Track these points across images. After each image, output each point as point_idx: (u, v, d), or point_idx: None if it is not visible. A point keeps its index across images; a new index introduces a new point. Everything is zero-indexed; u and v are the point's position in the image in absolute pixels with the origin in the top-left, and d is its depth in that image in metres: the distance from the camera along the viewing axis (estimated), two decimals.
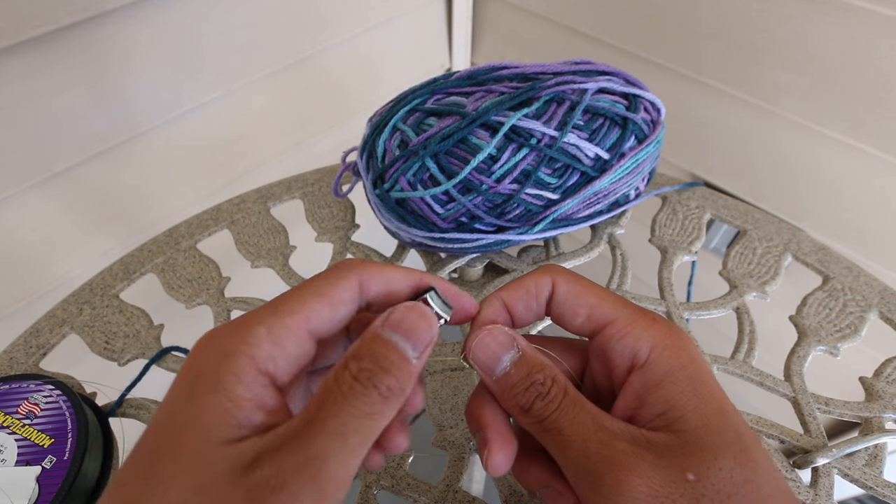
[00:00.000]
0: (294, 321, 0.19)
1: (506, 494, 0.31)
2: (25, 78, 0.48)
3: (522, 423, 0.21)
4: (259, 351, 0.18)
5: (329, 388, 0.18)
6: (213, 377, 0.18)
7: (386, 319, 0.20)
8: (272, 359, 0.19)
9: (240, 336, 0.18)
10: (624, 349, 0.21)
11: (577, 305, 0.22)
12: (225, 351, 0.18)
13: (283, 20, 0.65)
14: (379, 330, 0.19)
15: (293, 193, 0.48)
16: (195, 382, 0.18)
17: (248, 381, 0.18)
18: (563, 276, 0.23)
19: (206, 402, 0.17)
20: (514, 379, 0.21)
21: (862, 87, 0.53)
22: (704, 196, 0.47)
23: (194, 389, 0.18)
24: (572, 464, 0.19)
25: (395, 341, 0.19)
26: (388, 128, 0.37)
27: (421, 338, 0.20)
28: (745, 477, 0.18)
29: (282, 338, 0.19)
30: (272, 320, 0.19)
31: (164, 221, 0.48)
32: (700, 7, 0.60)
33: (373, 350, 0.19)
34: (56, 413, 0.32)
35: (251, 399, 0.18)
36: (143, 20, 0.53)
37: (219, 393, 0.17)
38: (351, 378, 0.18)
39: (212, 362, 0.18)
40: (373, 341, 0.19)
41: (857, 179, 0.58)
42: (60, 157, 0.54)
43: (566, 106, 0.36)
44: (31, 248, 0.58)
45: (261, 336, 0.18)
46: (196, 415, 0.17)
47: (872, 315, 0.39)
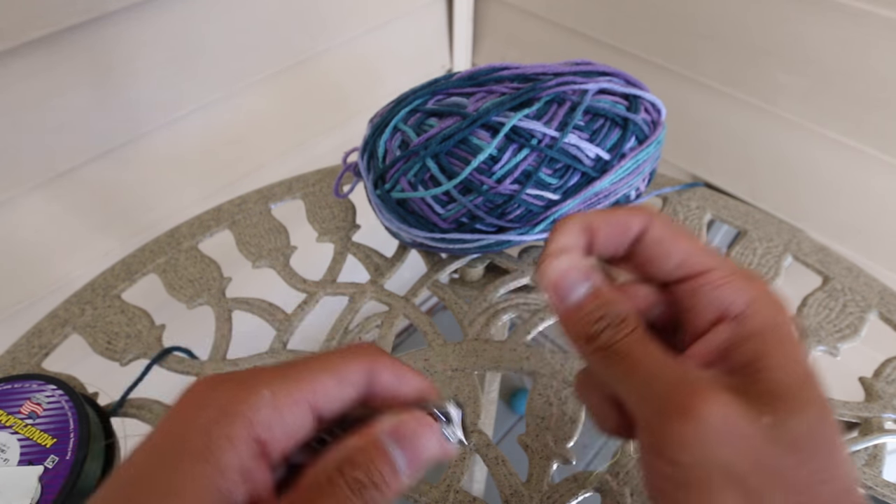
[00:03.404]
0: (299, 390, 0.18)
1: (507, 494, 0.31)
2: (28, 79, 0.49)
3: (585, 352, 0.20)
4: (259, 415, 0.17)
5: (320, 486, 0.17)
6: (204, 440, 0.16)
7: (394, 428, 0.18)
8: (269, 427, 0.17)
9: (241, 395, 0.17)
10: (717, 299, 0.20)
11: (672, 248, 0.21)
12: (223, 410, 0.17)
13: (284, 21, 0.65)
14: (382, 437, 0.18)
15: (294, 194, 0.48)
16: (182, 443, 0.16)
17: (239, 447, 0.16)
18: (655, 217, 0.21)
19: (193, 472, 0.16)
20: (587, 309, 0.20)
21: (861, 88, 0.53)
22: (705, 197, 0.47)
23: (180, 451, 0.16)
24: (638, 390, 0.18)
25: (393, 456, 0.17)
26: (388, 128, 0.38)
27: (421, 462, 0.18)
28: (822, 433, 0.17)
29: (284, 405, 0.17)
30: (278, 384, 0.18)
31: (166, 222, 0.48)
32: (700, 8, 0.60)
33: (370, 460, 0.17)
34: (58, 413, 0.32)
35: (238, 468, 0.16)
36: (146, 22, 0.53)
37: (208, 462, 0.16)
38: (345, 485, 0.17)
39: (206, 420, 0.16)
40: (373, 449, 0.17)
41: (856, 180, 0.58)
42: (63, 158, 0.55)
43: (567, 106, 0.36)
44: (34, 248, 0.58)
45: (264, 399, 0.17)
46: (179, 485, 0.15)
47: (872, 315, 0.39)
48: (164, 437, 0.17)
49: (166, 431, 0.17)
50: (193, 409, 0.17)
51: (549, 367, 0.37)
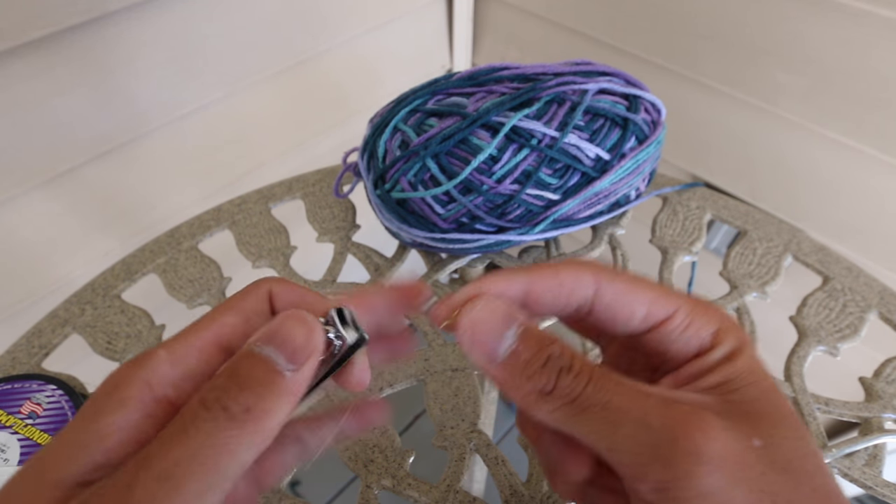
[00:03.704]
0: (199, 338, 0.18)
1: (507, 494, 0.31)
2: (29, 79, 0.49)
3: (544, 412, 0.17)
4: (155, 375, 0.16)
5: (193, 412, 0.15)
6: (93, 406, 0.16)
7: (261, 333, 0.17)
8: (172, 383, 0.17)
9: (137, 362, 0.17)
10: (689, 339, 0.19)
11: (633, 304, 0.19)
12: (117, 379, 0.16)
13: (284, 21, 0.65)
14: (249, 346, 0.17)
15: (294, 194, 0.48)
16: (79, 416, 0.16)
17: (128, 408, 0.16)
18: (605, 274, 0.19)
19: (64, 435, 0.15)
20: (525, 356, 0.17)
21: (861, 87, 0.53)
22: (705, 197, 0.47)
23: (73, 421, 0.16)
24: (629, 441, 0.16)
25: (265, 354, 0.16)
26: (388, 128, 0.38)
27: (297, 346, 0.16)
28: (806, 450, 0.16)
29: (184, 357, 0.17)
30: (174, 342, 0.17)
31: (166, 222, 0.48)
32: (700, 8, 0.60)
33: (235, 368, 0.16)
34: (58, 413, 0.32)
35: (126, 429, 0.15)
36: (146, 21, 0.53)
37: (91, 423, 0.15)
38: (197, 404, 0.15)
39: (101, 391, 0.16)
40: (238, 358, 0.16)
41: (856, 180, 0.58)
42: (63, 158, 0.55)
43: (567, 106, 0.36)
44: (34, 248, 0.58)
45: (159, 359, 0.17)
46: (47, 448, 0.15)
47: (872, 315, 0.39)
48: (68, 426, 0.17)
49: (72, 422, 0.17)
50: (100, 389, 0.17)
51: None
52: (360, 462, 0.33)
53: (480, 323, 0.18)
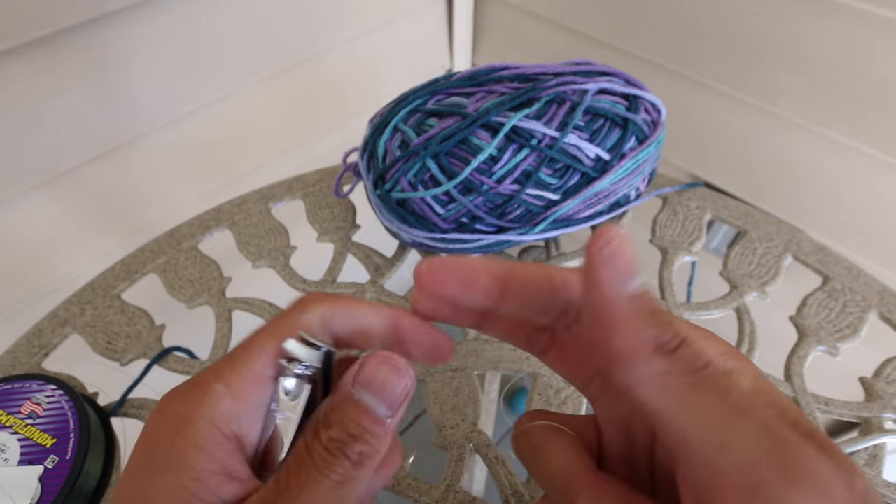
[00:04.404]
0: (252, 369, 0.17)
1: (507, 494, 0.31)
2: (28, 79, 0.49)
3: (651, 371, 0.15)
4: (218, 412, 0.16)
5: (301, 458, 0.16)
6: (170, 452, 0.16)
7: (356, 376, 0.18)
8: (236, 418, 0.17)
9: (195, 398, 0.17)
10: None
11: None
12: (180, 417, 0.16)
13: (284, 21, 0.65)
14: (349, 389, 0.17)
15: (294, 194, 0.48)
16: (151, 459, 0.16)
17: (211, 451, 0.16)
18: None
19: (164, 485, 0.15)
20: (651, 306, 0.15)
21: (861, 87, 0.53)
22: (705, 197, 0.47)
23: (151, 468, 0.16)
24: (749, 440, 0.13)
25: (366, 402, 0.17)
26: (388, 128, 0.38)
27: (395, 396, 0.17)
28: None
29: (242, 390, 0.17)
30: (229, 373, 0.17)
31: (166, 222, 0.48)
32: (700, 8, 0.60)
33: (343, 415, 0.17)
34: (58, 413, 0.32)
35: (218, 471, 0.16)
36: (146, 21, 0.53)
37: (179, 472, 0.15)
38: (322, 448, 0.16)
39: (167, 434, 0.16)
40: (343, 404, 0.17)
41: (856, 180, 0.58)
42: (63, 158, 0.55)
43: (567, 106, 0.36)
44: (34, 248, 0.58)
45: (218, 394, 0.17)
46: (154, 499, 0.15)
47: (872, 315, 0.39)
48: (136, 460, 0.16)
49: (137, 454, 0.17)
50: (156, 425, 0.17)
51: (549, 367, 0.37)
52: None
53: (626, 246, 0.16)
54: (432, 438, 0.34)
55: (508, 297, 0.19)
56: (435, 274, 0.19)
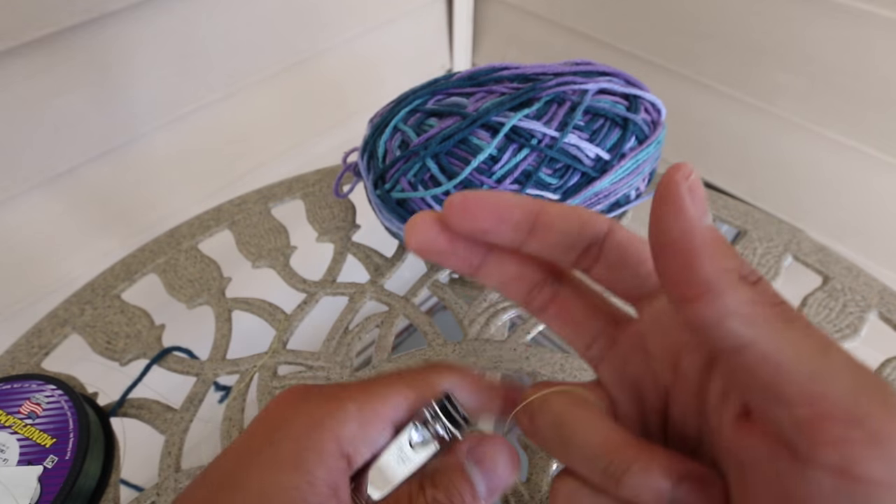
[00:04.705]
0: (385, 406, 0.18)
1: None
2: (28, 79, 0.49)
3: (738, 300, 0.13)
4: (346, 430, 0.17)
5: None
6: (294, 449, 0.16)
7: (474, 449, 0.18)
8: (354, 442, 0.17)
9: (329, 407, 0.17)
10: None
11: (642, 251, 0.18)
12: (312, 420, 0.17)
13: (284, 21, 0.65)
14: (463, 458, 0.18)
15: (294, 194, 0.48)
16: (273, 450, 0.17)
17: (328, 462, 0.17)
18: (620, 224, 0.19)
19: (284, 481, 0.16)
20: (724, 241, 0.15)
21: (860, 87, 0.53)
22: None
23: (272, 459, 0.16)
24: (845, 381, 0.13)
25: (472, 476, 0.18)
26: (388, 128, 0.38)
27: (499, 482, 0.18)
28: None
29: (370, 422, 0.18)
30: (364, 400, 0.18)
31: (166, 222, 0.48)
32: (700, 8, 0.60)
33: (451, 482, 0.18)
34: (58, 413, 0.32)
35: (329, 483, 0.16)
36: (145, 21, 0.53)
37: (298, 472, 0.16)
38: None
39: (296, 430, 0.17)
40: (454, 471, 0.18)
41: (856, 180, 0.58)
42: (63, 158, 0.55)
43: (567, 106, 0.36)
44: (33, 248, 0.58)
45: (350, 414, 0.17)
46: (271, 493, 0.16)
47: (872, 315, 0.39)
48: (256, 441, 0.17)
49: (258, 436, 0.17)
50: (283, 417, 0.17)
51: (549, 367, 0.37)
52: None
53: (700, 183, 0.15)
54: None
55: (537, 233, 0.18)
56: (469, 205, 0.17)
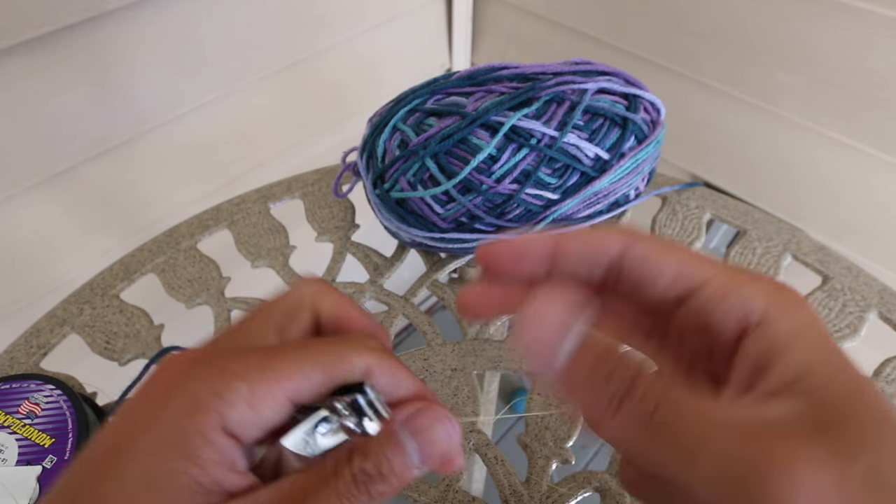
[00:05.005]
0: (280, 385, 0.17)
1: (506, 494, 0.31)
2: (26, 78, 0.48)
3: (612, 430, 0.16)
4: (233, 413, 0.16)
5: (325, 476, 0.16)
6: (178, 433, 0.15)
7: (410, 420, 0.18)
8: (243, 424, 0.16)
9: (215, 386, 0.16)
10: (730, 309, 0.16)
11: (661, 262, 0.18)
12: (196, 400, 0.16)
13: (283, 20, 0.65)
14: (399, 429, 0.17)
15: (293, 193, 0.48)
16: (157, 431, 0.15)
17: (217, 443, 0.16)
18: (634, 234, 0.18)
19: (172, 464, 0.15)
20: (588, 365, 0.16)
21: (860, 86, 0.53)
22: (704, 196, 0.47)
23: (158, 442, 0.15)
24: (708, 478, 0.14)
25: (407, 448, 0.17)
26: (388, 128, 0.38)
27: (434, 453, 0.18)
28: None
29: (261, 403, 0.16)
30: (257, 379, 0.16)
31: (165, 221, 0.48)
32: (699, 7, 0.60)
33: (382, 451, 0.17)
34: (56, 413, 0.32)
35: (221, 462, 0.16)
36: (144, 20, 0.53)
37: (185, 458, 0.15)
38: (350, 476, 0.16)
39: (177, 412, 0.15)
40: (387, 440, 0.17)
41: (856, 179, 0.58)
42: (61, 158, 0.55)
43: (566, 106, 0.36)
44: (32, 247, 0.58)
45: (240, 394, 0.16)
46: (160, 476, 0.15)
47: (872, 315, 0.39)
48: (136, 421, 0.16)
49: (137, 416, 0.16)
50: (165, 395, 0.16)
51: None
52: None
53: (535, 329, 0.16)
54: None
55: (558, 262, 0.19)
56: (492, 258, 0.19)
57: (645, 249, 0.18)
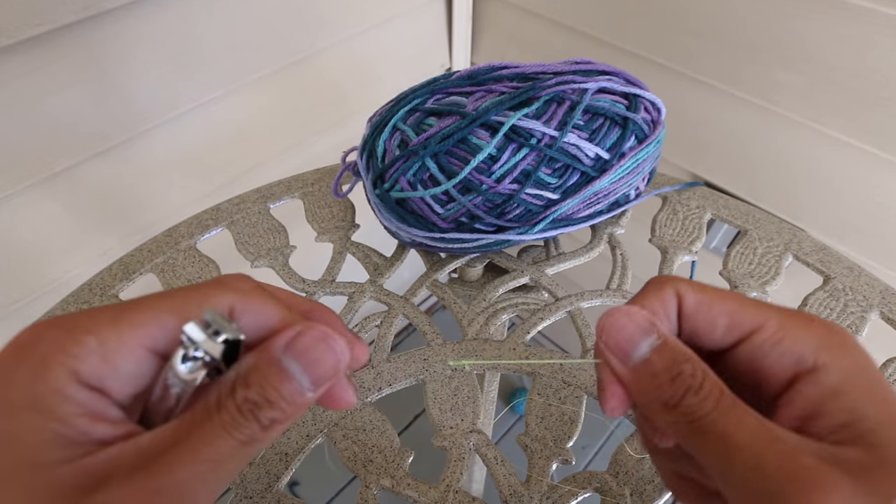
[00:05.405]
0: (134, 336, 0.16)
1: (506, 494, 0.31)
2: (25, 77, 0.48)
3: (664, 422, 0.17)
4: (84, 366, 0.15)
5: (209, 411, 0.16)
6: (30, 392, 0.15)
7: (290, 343, 0.17)
8: (100, 377, 0.16)
9: (62, 343, 0.15)
10: (783, 355, 0.17)
11: (713, 314, 0.19)
12: (43, 361, 0.15)
13: (282, 20, 0.65)
14: (278, 353, 0.17)
15: (293, 193, 0.48)
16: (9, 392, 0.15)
17: (73, 396, 0.15)
18: (685, 284, 0.19)
19: (27, 422, 0.15)
20: (657, 367, 0.17)
21: (861, 85, 0.53)
22: (705, 196, 0.47)
23: (10, 402, 0.15)
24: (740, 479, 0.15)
25: (292, 372, 0.16)
26: (388, 128, 0.37)
27: (323, 374, 0.17)
28: None
29: (115, 354, 0.16)
30: (108, 329, 0.16)
31: (164, 221, 0.48)
32: (700, 7, 0.60)
33: (264, 379, 0.16)
34: None
35: (82, 413, 0.15)
36: (143, 19, 0.53)
37: (41, 414, 0.15)
38: (234, 407, 0.16)
39: (26, 374, 0.15)
40: (267, 368, 0.16)
41: (857, 178, 0.58)
42: (60, 157, 0.54)
43: (566, 106, 0.36)
44: (31, 247, 0.58)
45: (88, 348, 0.16)
46: (16, 435, 0.15)
47: (873, 315, 0.39)
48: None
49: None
50: (14, 360, 0.16)
51: (549, 367, 0.37)
52: (360, 462, 0.33)
53: (618, 327, 0.18)
54: (432, 438, 0.34)
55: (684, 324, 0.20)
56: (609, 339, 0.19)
57: (695, 301, 0.19)
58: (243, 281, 0.19)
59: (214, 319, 0.17)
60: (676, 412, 0.17)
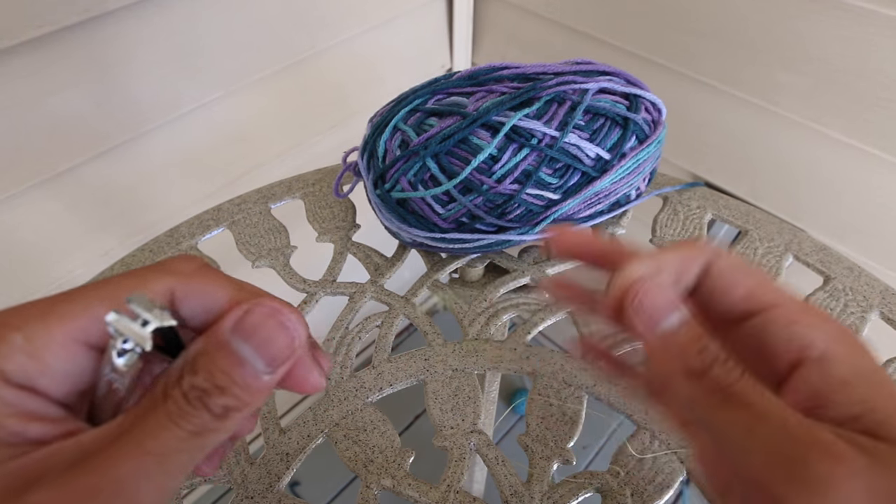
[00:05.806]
0: (64, 330, 0.15)
1: (507, 494, 0.31)
2: (27, 78, 0.48)
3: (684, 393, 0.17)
4: (9, 365, 0.15)
5: (154, 401, 0.15)
6: None
7: (238, 324, 0.16)
8: (29, 375, 0.15)
9: None
10: (792, 336, 0.18)
11: (737, 279, 0.19)
12: None
13: (284, 20, 0.65)
14: (226, 336, 0.16)
15: (294, 194, 0.48)
16: None
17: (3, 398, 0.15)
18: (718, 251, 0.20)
19: None
20: (685, 338, 0.17)
21: (862, 86, 0.53)
22: (705, 196, 0.47)
23: None
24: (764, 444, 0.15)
25: (243, 354, 0.15)
26: (388, 128, 0.37)
27: (278, 353, 0.16)
28: None
29: (43, 350, 0.15)
30: (36, 325, 0.15)
31: (165, 222, 0.48)
32: (701, 7, 0.60)
33: (213, 364, 0.15)
34: None
35: (12, 414, 0.15)
36: (145, 20, 0.53)
37: None
38: (181, 396, 0.15)
39: None
40: (216, 352, 0.15)
41: (858, 179, 0.58)
42: (62, 157, 0.54)
43: (567, 106, 0.36)
44: (32, 247, 0.58)
45: (13, 346, 0.15)
46: None
47: (873, 315, 0.39)
48: None
49: None
50: None
51: (549, 367, 0.37)
52: (360, 462, 0.33)
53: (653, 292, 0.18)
54: (432, 438, 0.34)
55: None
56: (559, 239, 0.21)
57: (724, 266, 0.19)
58: (186, 262, 0.18)
59: (138, 306, 0.15)
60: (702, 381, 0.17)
